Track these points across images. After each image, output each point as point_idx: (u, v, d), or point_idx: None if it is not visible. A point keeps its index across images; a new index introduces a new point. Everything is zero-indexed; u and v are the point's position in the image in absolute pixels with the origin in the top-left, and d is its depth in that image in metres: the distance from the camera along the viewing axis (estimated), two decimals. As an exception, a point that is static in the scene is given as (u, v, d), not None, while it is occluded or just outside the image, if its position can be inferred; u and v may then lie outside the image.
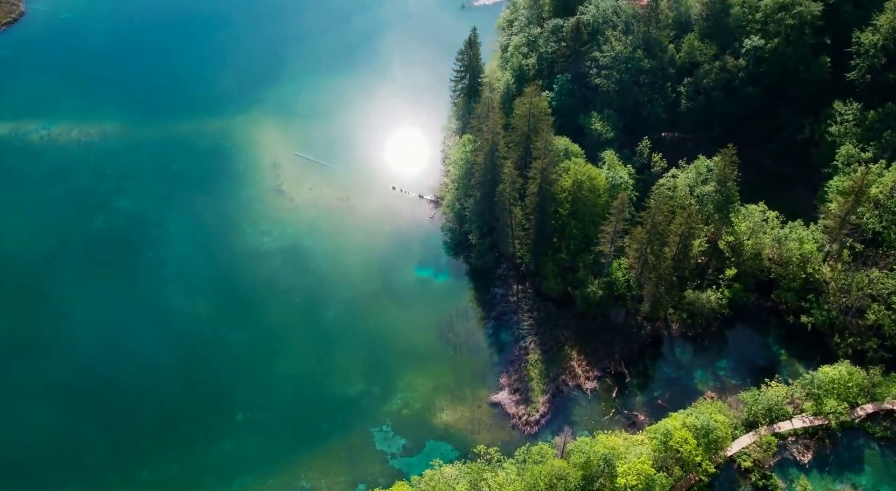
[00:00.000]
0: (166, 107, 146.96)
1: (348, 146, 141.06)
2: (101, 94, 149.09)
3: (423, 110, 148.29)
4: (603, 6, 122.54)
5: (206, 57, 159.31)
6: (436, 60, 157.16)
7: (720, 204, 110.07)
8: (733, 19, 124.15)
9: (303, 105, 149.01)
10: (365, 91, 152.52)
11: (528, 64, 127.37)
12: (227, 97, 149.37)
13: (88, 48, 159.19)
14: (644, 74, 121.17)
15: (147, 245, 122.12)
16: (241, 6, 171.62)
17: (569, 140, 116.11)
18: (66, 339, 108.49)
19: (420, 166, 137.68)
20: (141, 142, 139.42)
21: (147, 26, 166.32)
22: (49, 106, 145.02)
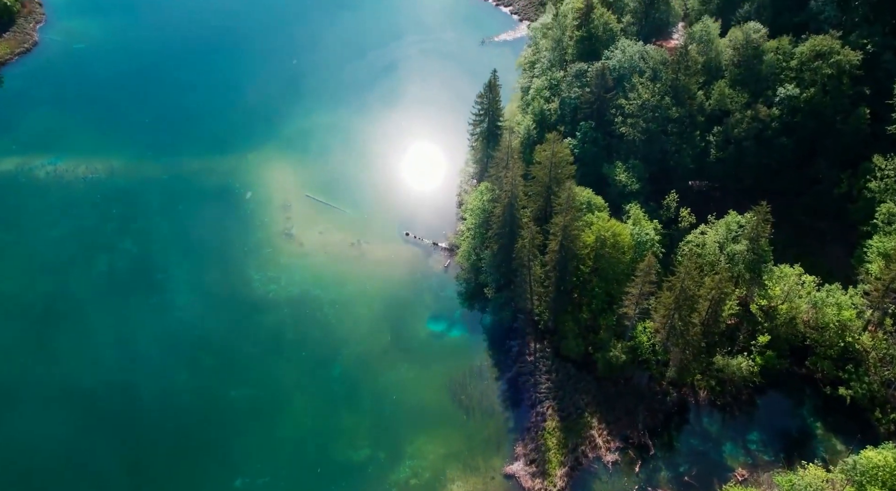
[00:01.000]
0: (176, 142, 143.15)
1: (361, 187, 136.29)
2: (111, 127, 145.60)
3: (440, 151, 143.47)
4: (630, 51, 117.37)
5: (220, 90, 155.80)
6: (454, 98, 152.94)
7: (752, 263, 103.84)
8: (766, 66, 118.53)
9: (315, 142, 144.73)
10: (379, 129, 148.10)
11: (550, 109, 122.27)
12: (239, 133, 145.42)
13: (100, 79, 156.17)
14: (672, 123, 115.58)
15: (150, 291, 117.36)
16: (255, 39, 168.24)
17: (591, 192, 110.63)
18: (60, 388, 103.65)
19: (435, 211, 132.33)
20: (148, 179, 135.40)
21: (161, 57, 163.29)
22: (57, 140, 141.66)
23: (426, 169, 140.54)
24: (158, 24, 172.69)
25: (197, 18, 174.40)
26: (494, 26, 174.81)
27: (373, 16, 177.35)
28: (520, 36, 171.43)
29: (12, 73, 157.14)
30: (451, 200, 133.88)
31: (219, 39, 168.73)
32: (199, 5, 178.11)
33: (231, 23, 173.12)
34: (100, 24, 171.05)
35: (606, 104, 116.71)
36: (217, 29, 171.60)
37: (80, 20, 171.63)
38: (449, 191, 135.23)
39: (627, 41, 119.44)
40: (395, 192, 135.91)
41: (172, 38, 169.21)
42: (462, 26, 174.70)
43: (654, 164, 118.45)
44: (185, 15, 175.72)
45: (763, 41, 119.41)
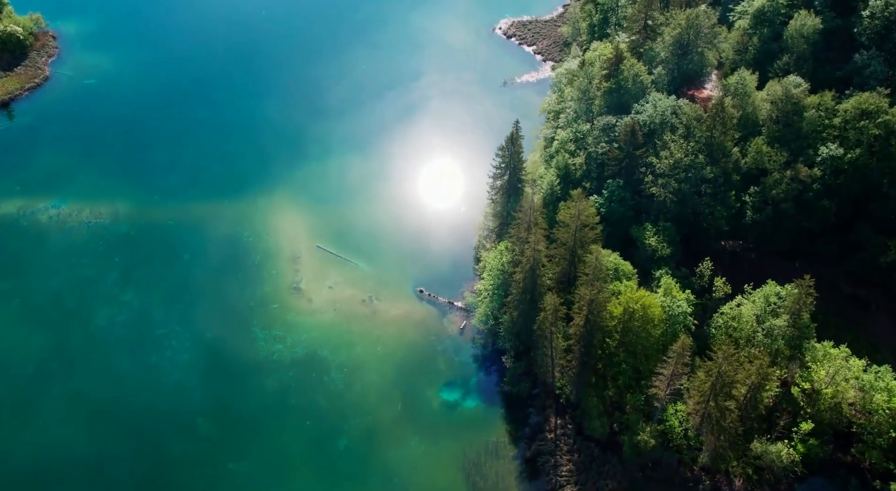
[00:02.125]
0: (185, 185, 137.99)
1: (374, 237, 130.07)
2: (119, 168, 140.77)
3: (458, 202, 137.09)
4: (661, 106, 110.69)
5: (231, 130, 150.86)
6: (473, 144, 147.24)
7: (792, 340, 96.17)
8: (807, 124, 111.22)
9: (328, 188, 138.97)
10: (395, 174, 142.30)
11: (575, 164, 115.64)
12: (249, 177, 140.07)
13: (110, 117, 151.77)
14: (706, 183, 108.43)
15: (149, 348, 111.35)
16: (271, 76, 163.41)
17: (619, 257, 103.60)
18: (43, 461, 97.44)
19: (451, 266, 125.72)
20: (154, 225, 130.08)
21: (173, 93, 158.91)
22: (62, 182, 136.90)
23: (443, 220, 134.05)
24: (173, 59, 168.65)
25: (213, 53, 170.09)
26: (517, 66, 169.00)
27: (393, 54, 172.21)
28: (543, 77, 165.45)
29: (22, 109, 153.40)
30: (468, 255, 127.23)
31: (234, 76, 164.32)
32: (216, 40, 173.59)
33: (247, 59, 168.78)
34: (113, 58, 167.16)
35: (636, 161, 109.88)
36: (232, 65, 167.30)
37: (94, 54, 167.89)
38: (466, 245, 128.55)
39: (659, 95, 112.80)
40: (409, 244, 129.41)
41: (186, 74, 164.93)
42: (483, 66, 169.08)
43: (685, 226, 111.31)
44: (202, 49, 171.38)
45: (804, 97, 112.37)
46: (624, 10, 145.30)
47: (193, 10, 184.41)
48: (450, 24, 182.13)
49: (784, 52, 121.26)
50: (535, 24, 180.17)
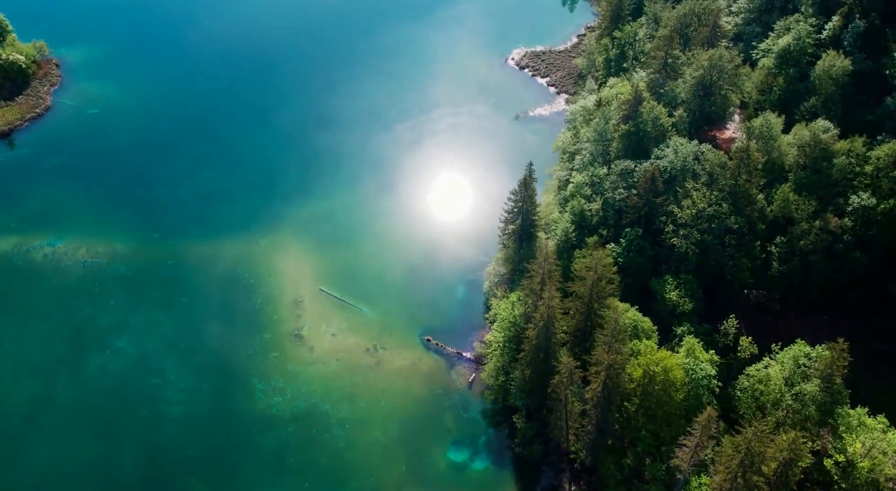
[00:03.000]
0: (185, 222, 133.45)
1: (380, 280, 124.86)
2: (118, 204, 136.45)
3: (467, 243, 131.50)
4: (683, 152, 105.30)
5: (236, 164, 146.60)
6: (484, 182, 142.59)
7: (824, 406, 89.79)
8: (837, 171, 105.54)
9: (334, 227, 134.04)
10: (403, 213, 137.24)
11: (592, 210, 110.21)
12: (253, 214, 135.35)
13: (111, 149, 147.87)
14: (730, 234, 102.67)
15: (142, 400, 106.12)
16: (278, 108, 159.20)
17: (638, 313, 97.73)
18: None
19: (460, 313, 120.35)
20: (152, 266, 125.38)
21: (177, 125, 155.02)
22: (59, 218, 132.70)
23: (452, 263, 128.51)
24: (179, 87, 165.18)
25: (220, 83, 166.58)
26: (530, 99, 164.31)
27: (404, 84, 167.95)
28: (557, 110, 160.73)
29: (22, 140, 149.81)
30: (477, 301, 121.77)
31: (240, 106, 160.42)
32: (223, 70, 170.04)
33: (254, 89, 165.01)
34: (117, 87, 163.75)
35: (656, 210, 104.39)
36: (239, 95, 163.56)
37: (97, 83, 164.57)
38: (476, 289, 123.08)
39: (680, 140, 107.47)
40: (416, 288, 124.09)
41: (192, 103, 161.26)
42: (495, 98, 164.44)
43: (707, 277, 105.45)
44: (208, 79, 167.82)
45: (833, 142, 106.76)
46: (642, 44, 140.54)
47: (202, 38, 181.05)
48: (462, 53, 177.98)
49: (811, 93, 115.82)
50: (549, 55, 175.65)
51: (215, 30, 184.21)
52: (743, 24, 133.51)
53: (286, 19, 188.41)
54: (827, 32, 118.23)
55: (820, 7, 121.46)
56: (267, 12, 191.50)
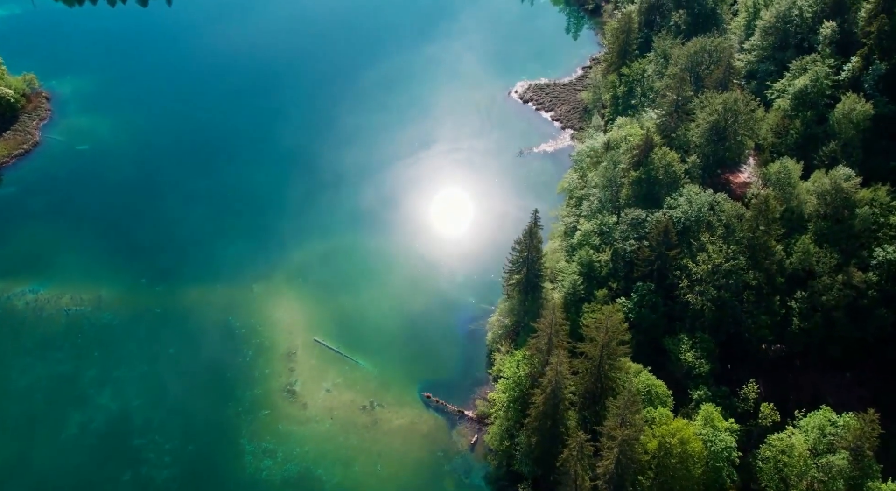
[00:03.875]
0: (175, 267, 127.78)
1: (378, 331, 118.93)
2: (105, 247, 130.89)
3: (469, 290, 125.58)
4: (697, 201, 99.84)
5: (230, 203, 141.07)
6: (487, 223, 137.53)
7: (854, 480, 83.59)
8: (860, 222, 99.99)
9: (330, 271, 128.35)
10: (402, 257, 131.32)
11: (600, 260, 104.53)
12: (246, 257, 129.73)
13: (101, 188, 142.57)
14: (748, 290, 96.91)
15: (124, 463, 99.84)
16: (273, 144, 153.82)
17: (651, 376, 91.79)
18: None
19: (462, 367, 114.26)
20: (139, 314, 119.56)
21: (170, 161, 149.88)
22: (44, 262, 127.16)
23: (453, 310, 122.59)
24: (172, 121, 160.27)
25: (215, 117, 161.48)
26: (534, 134, 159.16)
27: (403, 119, 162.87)
28: (562, 147, 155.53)
29: (9, 177, 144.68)
30: (480, 353, 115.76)
31: (235, 142, 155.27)
32: (217, 104, 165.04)
33: (250, 123, 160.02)
34: (109, 121, 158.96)
35: (669, 263, 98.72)
36: (235, 128, 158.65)
37: (88, 117, 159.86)
38: (478, 341, 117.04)
39: (694, 189, 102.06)
40: (416, 339, 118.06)
41: (186, 138, 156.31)
42: (498, 133, 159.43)
43: (724, 334, 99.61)
44: (203, 113, 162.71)
45: (855, 191, 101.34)
46: (651, 81, 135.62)
47: (197, 69, 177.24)
48: (464, 86, 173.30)
49: (830, 137, 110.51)
50: (553, 88, 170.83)
51: (211, 60, 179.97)
52: (756, 62, 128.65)
53: (283, 50, 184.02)
54: (846, 74, 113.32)
55: (838, 47, 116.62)
56: (263, 41, 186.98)
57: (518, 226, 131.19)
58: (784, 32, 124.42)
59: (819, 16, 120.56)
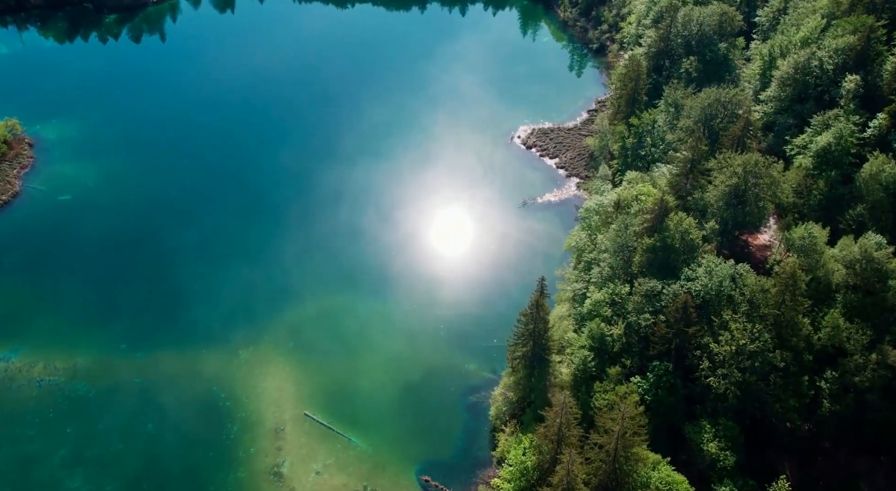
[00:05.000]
0: (158, 331, 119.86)
1: (372, 403, 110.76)
2: (83, 308, 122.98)
3: (470, 353, 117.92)
4: (718, 274, 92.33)
5: (218, 259, 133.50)
6: (490, 283, 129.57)
7: None
8: (893, 294, 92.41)
9: (322, 336, 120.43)
10: (399, 320, 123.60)
11: (613, 335, 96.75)
12: (233, 319, 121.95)
13: (81, 241, 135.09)
14: (775, 372, 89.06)
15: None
16: (265, 197, 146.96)
17: (671, 469, 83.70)
18: None
19: (463, 445, 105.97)
20: (117, 385, 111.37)
21: (156, 214, 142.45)
22: (17, 326, 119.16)
23: (453, 380, 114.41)
24: (160, 170, 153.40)
25: (204, 166, 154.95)
26: (537, 183, 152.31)
27: (401, 166, 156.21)
28: (567, 196, 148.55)
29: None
30: (483, 430, 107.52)
31: (225, 192, 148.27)
32: (208, 152, 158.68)
33: (239, 176, 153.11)
34: (94, 169, 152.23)
35: (688, 342, 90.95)
36: (225, 181, 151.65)
37: (72, 164, 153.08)
38: (481, 415, 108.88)
39: (713, 259, 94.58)
40: (413, 412, 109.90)
41: (174, 188, 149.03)
42: (500, 181, 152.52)
43: (747, 417, 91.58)
44: (192, 161, 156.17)
45: (887, 260, 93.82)
46: (661, 132, 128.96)
47: (187, 113, 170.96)
48: (465, 131, 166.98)
49: (857, 200, 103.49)
50: (558, 133, 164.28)
51: (203, 103, 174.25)
52: (773, 114, 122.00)
53: (279, 96, 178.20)
54: (872, 131, 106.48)
55: (862, 102, 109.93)
56: (258, 85, 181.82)
57: (521, 283, 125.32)
58: (803, 84, 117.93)
59: (841, 68, 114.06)
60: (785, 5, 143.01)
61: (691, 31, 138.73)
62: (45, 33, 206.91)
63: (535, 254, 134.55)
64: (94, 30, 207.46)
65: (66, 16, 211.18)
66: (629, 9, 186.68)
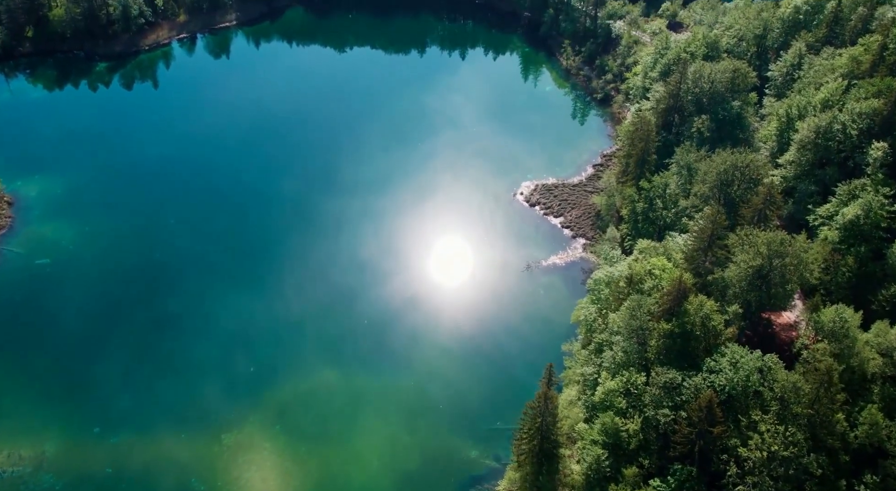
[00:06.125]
0: (134, 412, 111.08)
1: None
2: (57, 387, 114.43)
3: (471, 437, 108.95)
4: (745, 366, 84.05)
5: (200, 329, 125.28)
6: (493, 358, 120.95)
7: None
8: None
9: (313, 417, 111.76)
10: (394, 400, 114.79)
11: (629, 430, 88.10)
12: (216, 400, 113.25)
13: (56, 311, 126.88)
14: (810, 478, 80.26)
15: None
16: (252, 261, 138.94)
17: None
18: None
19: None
20: (86, 476, 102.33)
21: (136, 279, 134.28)
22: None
23: (453, 469, 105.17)
24: (143, 230, 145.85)
25: (188, 225, 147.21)
26: (542, 244, 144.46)
27: (398, 227, 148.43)
28: (573, 259, 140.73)
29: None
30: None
31: (211, 252, 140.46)
32: (193, 210, 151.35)
33: (226, 232, 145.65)
34: (75, 229, 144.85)
35: (713, 443, 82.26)
36: (210, 238, 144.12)
37: (53, 224, 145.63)
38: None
39: (739, 350, 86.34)
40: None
41: (156, 250, 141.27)
42: (503, 243, 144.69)
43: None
44: (178, 220, 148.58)
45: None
46: (674, 196, 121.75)
47: (176, 170, 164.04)
48: (465, 187, 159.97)
49: (890, 278, 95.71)
50: (562, 190, 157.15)
51: (192, 158, 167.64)
52: (793, 179, 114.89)
53: (268, 150, 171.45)
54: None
55: (890, 171, 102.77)
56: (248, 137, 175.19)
57: (526, 355, 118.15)
58: (825, 149, 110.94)
59: (865, 133, 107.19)
60: (799, 61, 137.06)
61: (702, 89, 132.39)
62: (35, 81, 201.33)
63: (541, 323, 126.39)
64: (84, 78, 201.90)
65: (57, 64, 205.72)
66: (634, 59, 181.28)
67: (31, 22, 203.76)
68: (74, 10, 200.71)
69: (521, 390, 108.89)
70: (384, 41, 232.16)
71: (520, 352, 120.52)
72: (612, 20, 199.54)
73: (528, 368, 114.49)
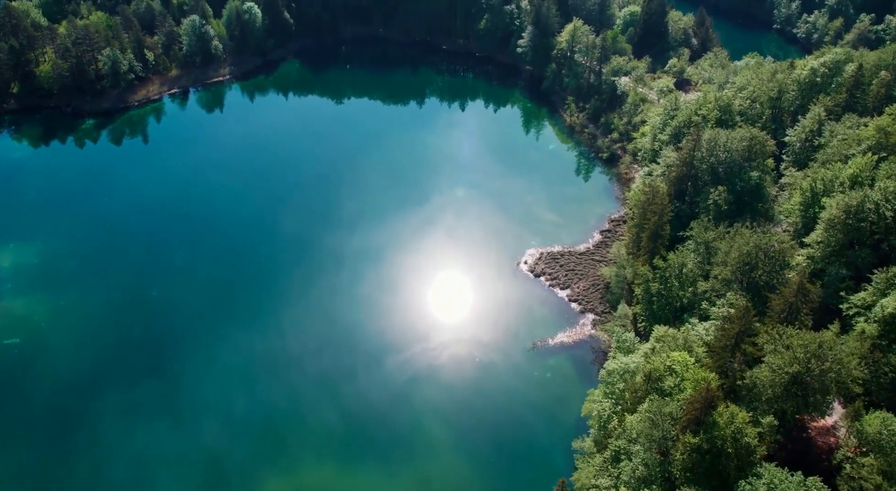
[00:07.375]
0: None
1: None
2: (22, 487, 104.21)
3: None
4: (779, 485, 73.90)
5: (182, 416, 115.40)
6: (494, 446, 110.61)
7: None
8: None
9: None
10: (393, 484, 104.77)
11: (654, 558, 77.63)
12: None
13: (26, 398, 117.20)
14: None
15: None
16: (236, 339, 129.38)
17: None
18: None
19: None
20: None
21: (114, 359, 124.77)
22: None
23: None
24: (123, 303, 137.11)
25: (171, 299, 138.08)
26: (547, 319, 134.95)
27: (395, 303, 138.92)
28: (582, 337, 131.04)
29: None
30: None
31: (191, 338, 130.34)
32: (176, 282, 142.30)
33: (211, 306, 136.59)
34: (50, 304, 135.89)
35: None
36: (193, 313, 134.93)
37: (25, 299, 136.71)
38: None
39: (777, 472, 76.35)
40: None
41: (137, 325, 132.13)
42: (506, 319, 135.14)
43: None
44: (161, 293, 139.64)
45: None
46: (692, 275, 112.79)
47: (163, 236, 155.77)
48: (467, 257, 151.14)
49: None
50: (568, 259, 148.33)
51: (177, 225, 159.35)
52: (821, 260, 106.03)
53: (263, 217, 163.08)
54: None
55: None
56: (239, 198, 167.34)
57: (532, 451, 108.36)
58: (856, 230, 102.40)
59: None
60: (819, 127, 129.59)
61: (718, 158, 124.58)
62: (20, 138, 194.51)
63: (547, 412, 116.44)
64: (70, 134, 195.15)
65: (43, 120, 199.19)
66: (641, 118, 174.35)
67: (17, 77, 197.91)
68: (62, 66, 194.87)
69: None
70: (382, 94, 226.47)
71: (527, 448, 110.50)
72: (617, 76, 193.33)
73: (534, 465, 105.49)
